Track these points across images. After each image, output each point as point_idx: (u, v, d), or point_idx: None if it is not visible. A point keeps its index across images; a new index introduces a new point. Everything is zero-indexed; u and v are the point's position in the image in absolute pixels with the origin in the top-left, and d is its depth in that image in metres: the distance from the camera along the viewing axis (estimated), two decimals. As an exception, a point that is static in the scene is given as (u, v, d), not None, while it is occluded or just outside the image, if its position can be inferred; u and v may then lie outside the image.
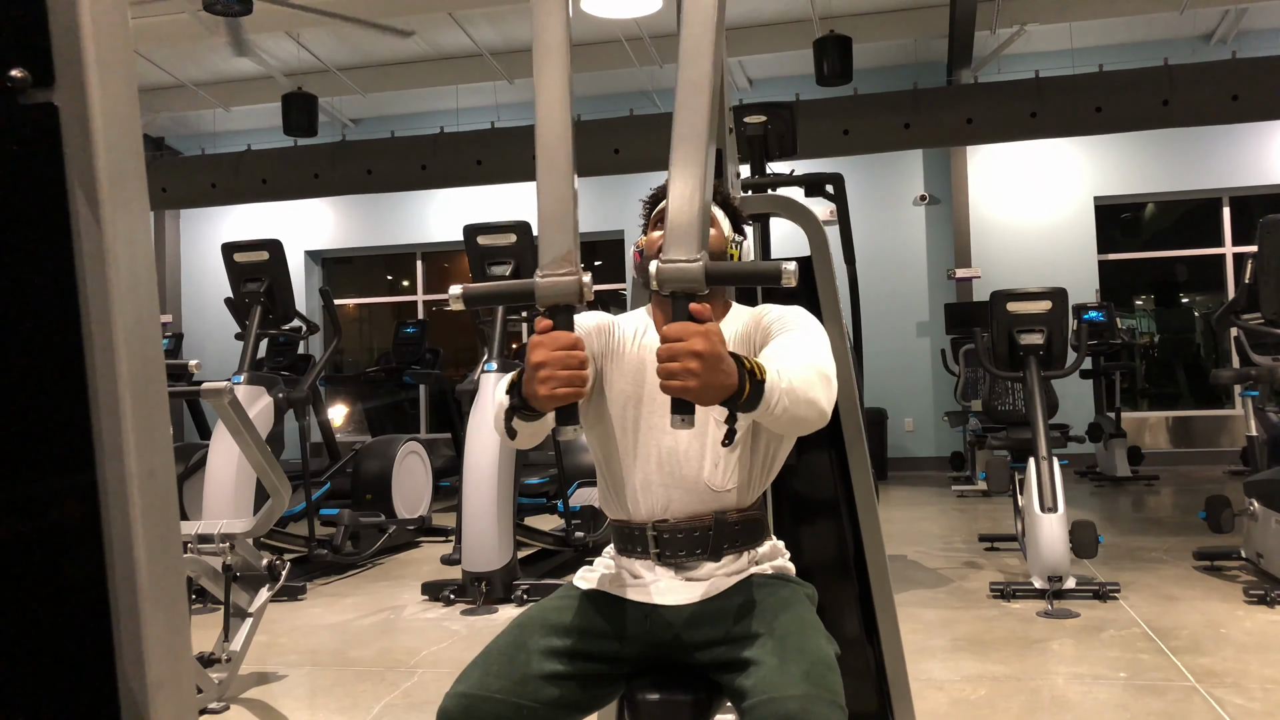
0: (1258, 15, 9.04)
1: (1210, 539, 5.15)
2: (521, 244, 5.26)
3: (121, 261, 0.77)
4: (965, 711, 3.09)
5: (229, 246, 5.63)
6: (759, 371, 1.40)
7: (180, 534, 0.86)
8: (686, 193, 1.38)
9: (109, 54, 0.77)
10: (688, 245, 1.36)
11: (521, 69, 9.59)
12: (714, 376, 1.33)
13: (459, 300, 1.44)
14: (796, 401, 1.43)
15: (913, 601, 4.48)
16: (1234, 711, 2.99)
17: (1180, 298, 10.53)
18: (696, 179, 1.37)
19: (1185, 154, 9.60)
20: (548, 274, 1.38)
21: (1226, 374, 5.05)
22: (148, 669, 0.77)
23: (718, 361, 1.33)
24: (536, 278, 1.39)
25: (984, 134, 8.54)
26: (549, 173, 1.40)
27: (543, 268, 1.38)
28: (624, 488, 1.72)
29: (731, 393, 1.36)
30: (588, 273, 1.38)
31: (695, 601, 1.63)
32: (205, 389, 3.15)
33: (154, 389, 0.80)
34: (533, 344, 1.40)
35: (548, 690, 1.55)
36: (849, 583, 2.24)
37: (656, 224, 1.77)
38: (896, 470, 9.74)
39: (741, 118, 5.02)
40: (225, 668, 3.32)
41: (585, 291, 1.38)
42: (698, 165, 1.37)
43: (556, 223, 1.39)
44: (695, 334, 1.31)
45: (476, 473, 4.78)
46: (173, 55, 9.19)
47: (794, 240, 2.48)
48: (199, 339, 11.08)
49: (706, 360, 1.31)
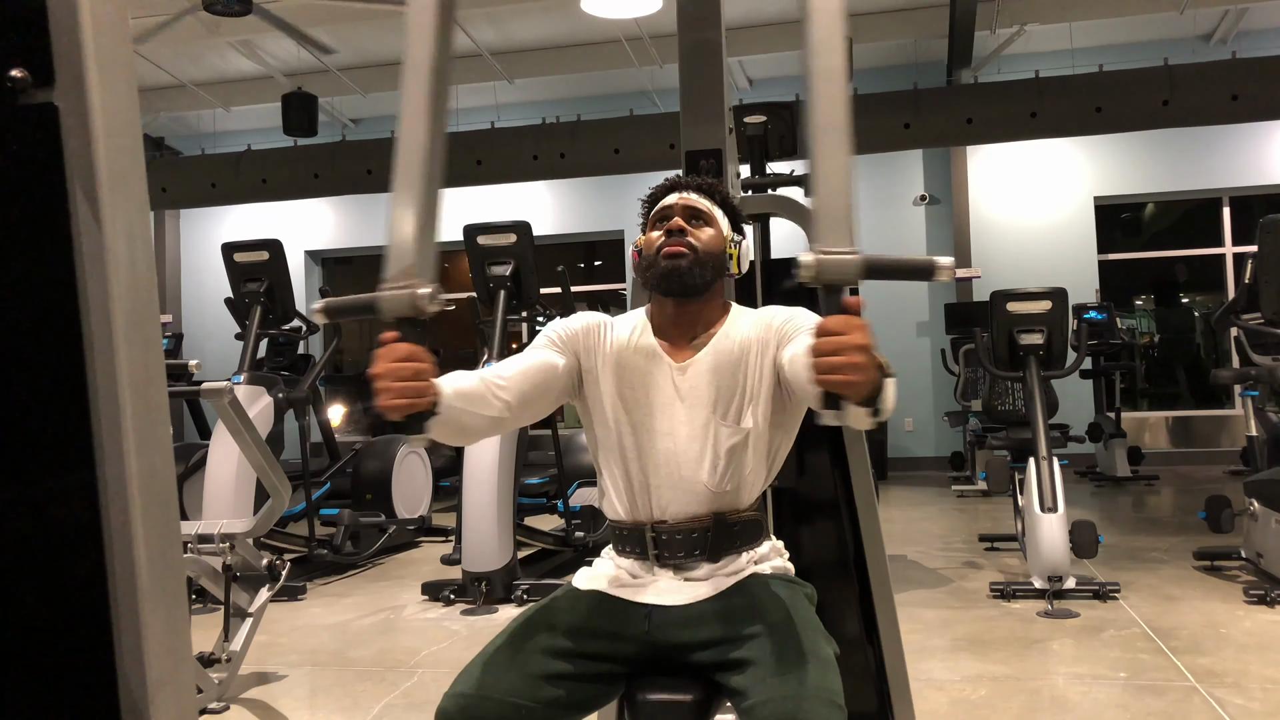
0: (1258, 15, 9.04)
1: (1210, 539, 5.15)
2: (521, 244, 5.26)
3: (121, 261, 0.77)
4: (965, 711, 3.10)
5: (229, 246, 5.63)
6: (885, 366, 1.40)
7: (180, 534, 0.86)
8: (836, 183, 1.34)
9: (109, 54, 0.77)
10: (842, 237, 1.32)
11: (522, 69, 9.60)
12: (873, 371, 1.31)
13: (322, 314, 1.47)
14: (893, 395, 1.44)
15: (913, 601, 4.48)
16: (1234, 711, 2.99)
17: (1180, 298, 10.53)
18: (843, 168, 1.35)
19: (1185, 154, 9.60)
20: (389, 287, 1.38)
21: (1226, 374, 5.05)
22: (148, 669, 0.77)
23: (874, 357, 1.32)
24: (379, 291, 1.39)
25: (984, 134, 8.54)
26: (401, 188, 1.40)
27: (385, 281, 1.39)
28: (622, 488, 1.72)
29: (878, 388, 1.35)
30: (430, 285, 1.38)
31: (695, 602, 1.63)
32: (205, 389, 3.15)
33: (154, 389, 0.80)
34: (373, 357, 1.41)
35: (547, 690, 1.55)
36: (849, 583, 2.24)
37: (655, 224, 1.77)
38: (896, 470, 9.74)
39: (741, 118, 5.02)
40: (225, 668, 3.32)
41: (423, 305, 1.38)
42: (843, 155, 1.34)
43: (401, 237, 1.39)
44: (858, 328, 1.29)
45: (476, 473, 4.79)
46: (173, 55, 9.20)
47: (794, 240, 2.48)
48: (199, 339, 11.08)
49: (871, 355, 1.30)
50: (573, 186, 10.58)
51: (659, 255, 1.72)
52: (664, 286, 1.72)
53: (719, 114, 2.22)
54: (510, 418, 1.66)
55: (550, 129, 9.05)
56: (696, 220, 1.75)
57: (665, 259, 1.71)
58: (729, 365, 1.71)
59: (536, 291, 5.41)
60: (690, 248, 1.71)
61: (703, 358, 1.72)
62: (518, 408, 1.66)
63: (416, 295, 1.37)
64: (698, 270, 1.70)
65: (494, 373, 1.66)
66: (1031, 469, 4.63)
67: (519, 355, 1.76)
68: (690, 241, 1.71)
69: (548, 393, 1.73)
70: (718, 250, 1.75)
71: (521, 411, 1.68)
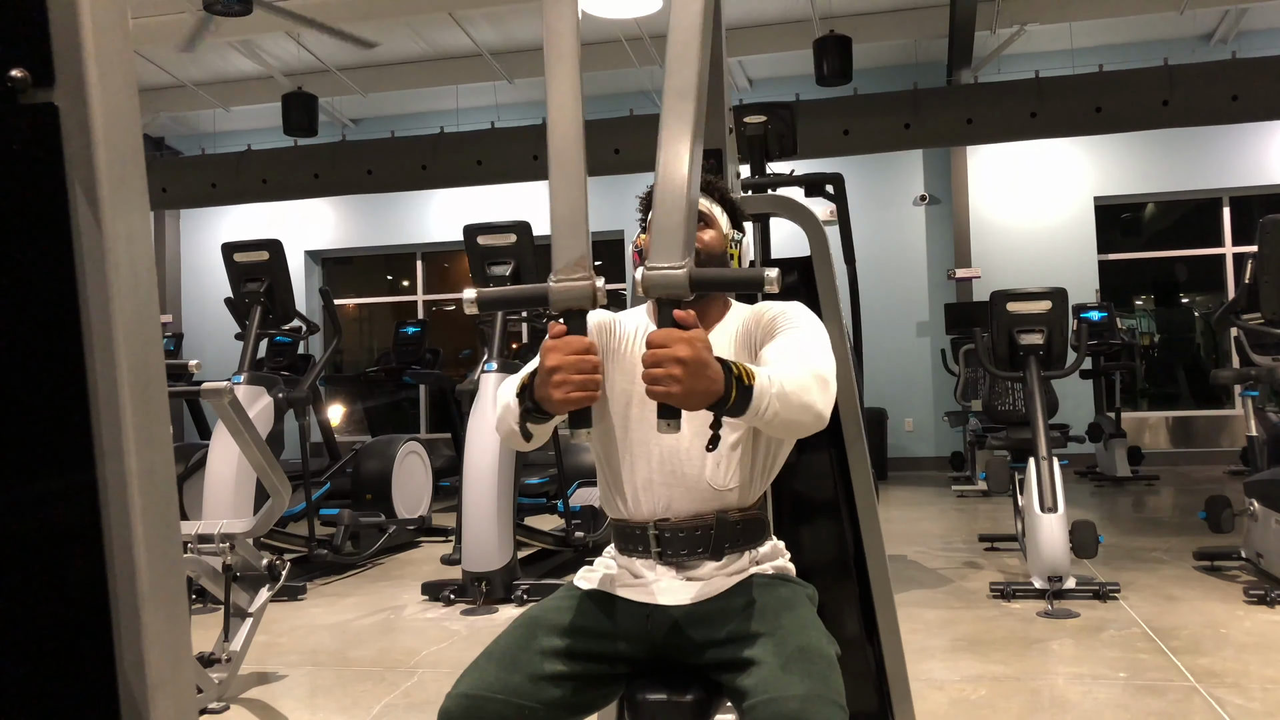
0: (1258, 15, 9.04)
1: (1210, 539, 5.15)
2: (521, 244, 5.26)
3: (121, 261, 0.77)
4: (965, 711, 3.10)
5: (229, 246, 5.62)
6: (747, 377, 1.40)
7: (180, 534, 0.86)
8: (671, 198, 1.38)
9: (109, 54, 0.77)
10: (672, 251, 1.36)
11: (521, 69, 9.60)
12: (697, 383, 1.33)
13: (473, 305, 1.45)
14: (789, 406, 1.44)
15: (913, 601, 4.48)
16: (1234, 711, 2.99)
17: (1180, 298, 10.53)
18: (681, 183, 1.37)
19: (1185, 154, 9.60)
20: (562, 279, 1.38)
21: (1226, 374, 5.05)
22: (148, 669, 0.77)
23: (702, 368, 1.33)
24: (550, 282, 1.39)
25: (984, 134, 8.54)
26: (562, 177, 1.40)
27: (556, 272, 1.39)
28: (625, 487, 1.72)
29: (716, 399, 1.37)
30: (600, 276, 1.39)
31: (696, 601, 1.63)
32: (205, 389, 3.15)
33: (154, 389, 0.80)
34: (546, 348, 1.40)
35: (548, 690, 1.55)
36: (849, 583, 2.24)
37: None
38: (896, 470, 9.74)
39: (741, 118, 5.02)
40: (225, 668, 3.32)
41: (599, 296, 1.39)
42: (682, 170, 1.37)
43: (570, 227, 1.40)
44: (679, 340, 1.32)
45: (476, 473, 4.78)
46: (173, 55, 9.19)
47: (794, 240, 2.48)
48: (199, 339, 11.08)
49: (690, 366, 1.32)
50: (573, 186, 10.57)
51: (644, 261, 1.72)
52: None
53: (719, 114, 2.22)
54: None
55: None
56: (696, 221, 1.75)
57: None
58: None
59: (537, 291, 5.40)
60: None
61: (703, 356, 1.72)
62: None
63: (592, 287, 1.37)
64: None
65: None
66: (1031, 469, 4.63)
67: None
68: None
69: None
70: (718, 251, 1.75)
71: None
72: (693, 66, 1.39)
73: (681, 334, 1.33)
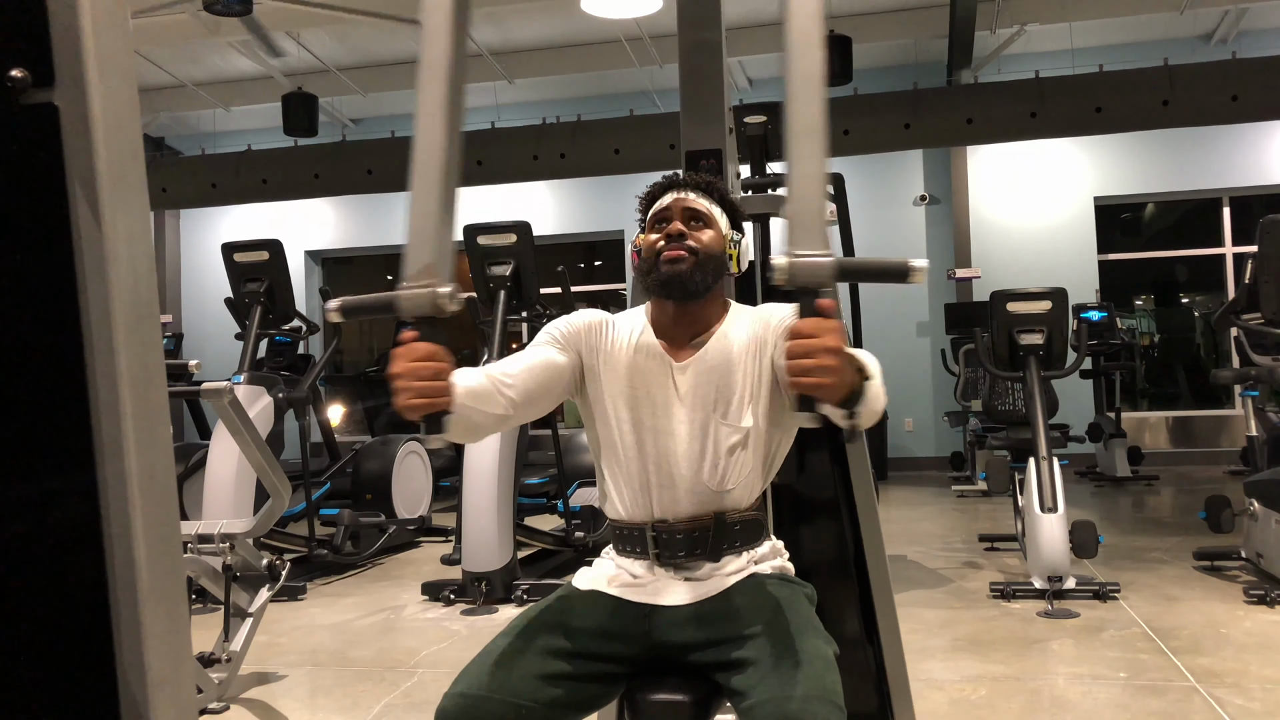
0: (1258, 15, 9.04)
1: (1210, 539, 5.15)
2: (521, 244, 5.26)
3: (121, 261, 0.77)
4: (965, 711, 3.09)
5: (229, 246, 5.62)
6: (865, 368, 1.40)
7: (180, 534, 0.86)
8: (809, 186, 1.35)
9: (109, 54, 0.77)
10: (815, 239, 1.33)
11: (521, 69, 9.60)
12: (847, 374, 1.32)
13: (336, 313, 1.46)
14: (878, 396, 1.45)
15: (913, 601, 4.48)
16: (1234, 711, 2.99)
17: (1180, 298, 10.53)
18: (817, 172, 1.35)
19: (1185, 154, 9.60)
20: (409, 286, 1.38)
21: (1226, 374, 5.05)
22: (148, 669, 0.77)
23: (849, 359, 1.33)
24: (399, 290, 1.39)
25: (984, 134, 8.54)
26: (421, 187, 1.40)
27: (405, 280, 1.39)
28: (623, 488, 1.72)
29: (855, 390, 1.36)
30: (450, 284, 1.38)
31: (695, 602, 1.63)
32: (205, 389, 3.15)
33: (154, 389, 0.80)
34: (391, 356, 1.41)
35: (547, 690, 1.55)
36: (849, 583, 2.24)
37: (654, 225, 1.76)
38: (896, 470, 9.74)
39: (741, 118, 5.01)
40: (225, 668, 3.32)
41: (444, 304, 1.38)
42: (817, 158, 1.34)
43: (421, 236, 1.39)
44: (830, 330, 1.30)
45: (476, 473, 4.78)
46: (173, 55, 9.20)
47: (794, 240, 2.48)
48: (199, 339, 11.07)
49: (843, 357, 1.31)
50: (573, 186, 10.58)
51: (659, 260, 1.71)
52: (664, 292, 1.72)
53: (719, 114, 2.22)
54: (515, 415, 1.67)
55: (550, 129, 9.05)
56: (696, 222, 1.75)
57: (665, 264, 1.70)
58: (729, 364, 1.71)
59: (537, 291, 5.41)
60: (691, 251, 1.71)
61: (703, 357, 1.72)
62: (522, 405, 1.67)
63: (437, 294, 1.37)
64: (698, 274, 1.70)
65: (500, 370, 1.67)
66: (1031, 469, 4.63)
67: (522, 352, 1.76)
68: (690, 245, 1.71)
69: (551, 390, 1.73)
70: (718, 252, 1.75)
71: (526, 409, 1.69)
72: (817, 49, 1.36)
73: (832, 323, 1.31)
